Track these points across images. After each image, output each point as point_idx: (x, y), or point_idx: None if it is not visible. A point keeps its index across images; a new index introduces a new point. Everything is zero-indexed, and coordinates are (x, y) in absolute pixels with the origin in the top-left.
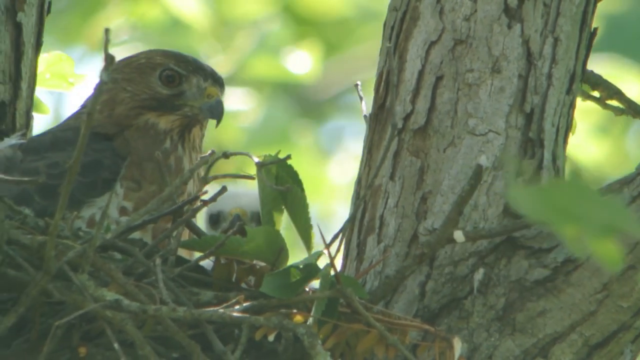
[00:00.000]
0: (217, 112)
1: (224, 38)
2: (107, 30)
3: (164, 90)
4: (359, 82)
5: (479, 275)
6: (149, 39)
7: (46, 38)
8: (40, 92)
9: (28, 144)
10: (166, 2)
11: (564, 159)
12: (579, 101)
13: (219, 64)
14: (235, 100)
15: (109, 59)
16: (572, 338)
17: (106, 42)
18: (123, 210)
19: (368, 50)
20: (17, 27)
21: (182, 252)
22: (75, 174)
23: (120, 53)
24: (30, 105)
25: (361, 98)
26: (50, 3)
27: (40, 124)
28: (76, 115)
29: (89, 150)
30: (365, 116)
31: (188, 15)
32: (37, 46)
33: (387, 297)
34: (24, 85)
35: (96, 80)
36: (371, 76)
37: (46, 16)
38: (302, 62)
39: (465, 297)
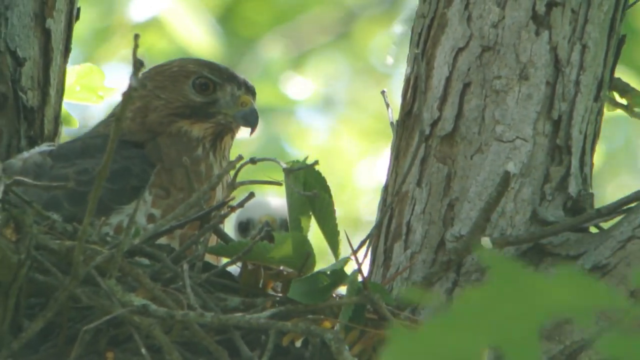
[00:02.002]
0: (251, 120)
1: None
2: (136, 36)
3: (198, 98)
4: (385, 90)
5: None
6: None
7: None
8: (68, 105)
9: (57, 150)
10: (173, 32)
11: (592, 166)
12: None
13: None
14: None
15: (138, 64)
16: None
17: (135, 48)
18: (151, 218)
19: None
20: (46, 34)
21: (209, 258)
22: (104, 179)
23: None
24: (59, 111)
25: (388, 106)
26: (79, 10)
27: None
28: (106, 122)
29: (118, 158)
30: (391, 123)
31: (194, 45)
32: (66, 53)
33: (414, 304)
34: (52, 91)
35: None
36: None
37: (75, 22)
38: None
39: None
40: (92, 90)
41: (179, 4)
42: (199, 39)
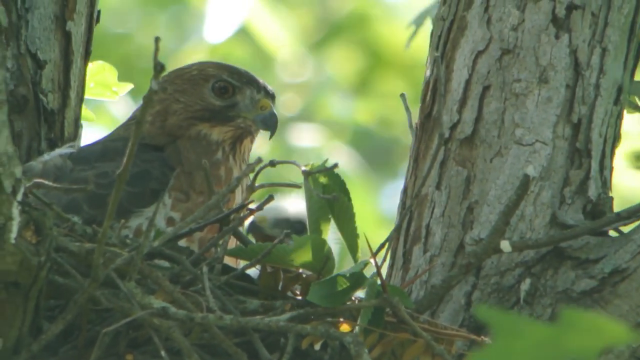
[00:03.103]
0: (271, 123)
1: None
2: (157, 39)
3: (217, 102)
4: (404, 93)
5: (525, 285)
6: None
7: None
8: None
9: (78, 153)
10: (259, 40)
11: (611, 169)
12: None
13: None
14: (305, 136)
15: (159, 67)
16: (619, 349)
17: (156, 51)
18: (170, 221)
19: None
20: (67, 36)
21: (228, 261)
22: (125, 181)
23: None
24: (79, 114)
25: (407, 109)
26: (99, 12)
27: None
28: (126, 125)
29: (138, 161)
30: (411, 127)
31: (271, 46)
32: (86, 55)
33: (433, 307)
34: (72, 94)
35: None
36: None
37: (95, 25)
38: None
39: (511, 308)
40: (107, 87)
41: (263, 10)
42: (285, 46)
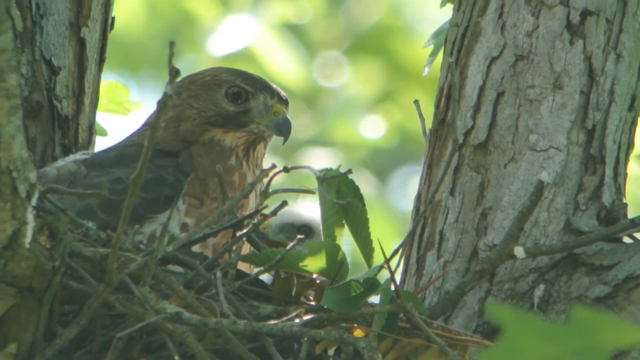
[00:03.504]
0: (284, 129)
1: (311, 100)
2: (172, 44)
3: (230, 107)
4: (417, 100)
5: (539, 291)
6: None
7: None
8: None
9: (92, 159)
10: (264, 62)
11: (625, 176)
12: None
13: (305, 124)
14: (320, 160)
15: (173, 72)
16: (632, 355)
17: (170, 56)
18: (184, 227)
19: None
20: (81, 43)
21: (242, 266)
22: (139, 185)
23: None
24: (93, 120)
25: (421, 115)
26: (113, 19)
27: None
28: (140, 132)
29: (152, 167)
30: (424, 133)
31: (284, 77)
32: (100, 62)
33: (446, 313)
34: (86, 100)
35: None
36: None
37: (109, 32)
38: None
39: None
40: (119, 104)
41: (269, 35)
42: (289, 70)
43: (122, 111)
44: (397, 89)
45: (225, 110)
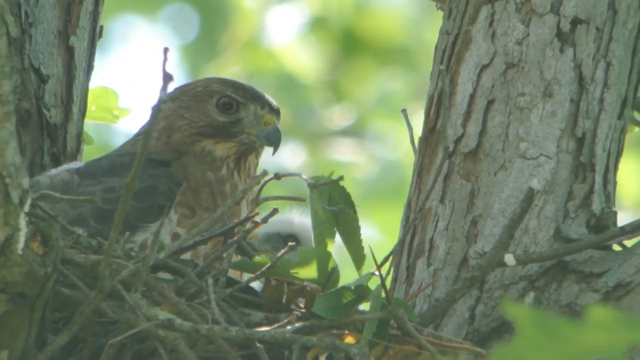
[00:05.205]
0: (274, 139)
1: (339, 91)
2: (166, 50)
3: (221, 118)
4: (405, 109)
5: (529, 299)
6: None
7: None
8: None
9: (85, 168)
10: (281, 57)
11: (615, 184)
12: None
13: (334, 116)
14: (348, 151)
15: (167, 78)
16: None
17: (164, 61)
18: (176, 237)
19: None
20: (69, 51)
21: (232, 274)
22: (132, 191)
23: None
24: (81, 128)
25: (409, 124)
26: (102, 27)
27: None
28: (133, 141)
29: (145, 176)
30: (412, 142)
31: (300, 71)
32: (89, 70)
33: (436, 321)
34: (75, 108)
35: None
36: None
37: (98, 40)
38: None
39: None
40: (108, 111)
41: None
42: (307, 63)
43: (111, 118)
44: None
45: (216, 120)
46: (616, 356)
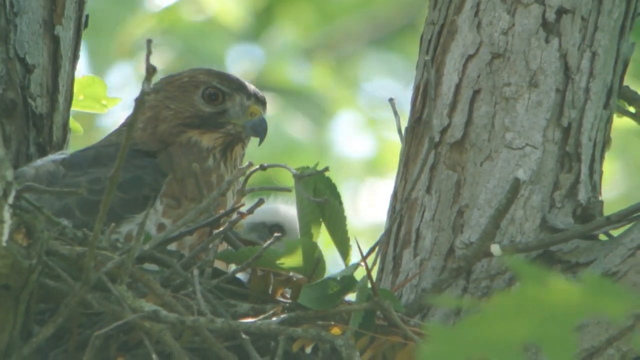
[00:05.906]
0: (260, 129)
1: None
2: (149, 42)
3: (207, 108)
4: (393, 97)
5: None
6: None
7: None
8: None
9: (70, 159)
10: (203, 2)
11: (601, 173)
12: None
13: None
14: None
15: (150, 69)
16: (609, 353)
17: (148, 54)
18: (161, 227)
19: None
20: (55, 41)
21: (218, 264)
22: (117, 183)
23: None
24: (67, 118)
25: (396, 114)
26: (87, 17)
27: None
28: (118, 131)
29: (130, 167)
30: (399, 131)
31: (222, 15)
32: (74, 59)
33: (423, 311)
34: (61, 98)
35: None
36: None
37: (83, 30)
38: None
39: None
40: (96, 100)
41: None
42: (229, 10)
43: (99, 107)
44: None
45: (202, 111)
46: (617, 317)
